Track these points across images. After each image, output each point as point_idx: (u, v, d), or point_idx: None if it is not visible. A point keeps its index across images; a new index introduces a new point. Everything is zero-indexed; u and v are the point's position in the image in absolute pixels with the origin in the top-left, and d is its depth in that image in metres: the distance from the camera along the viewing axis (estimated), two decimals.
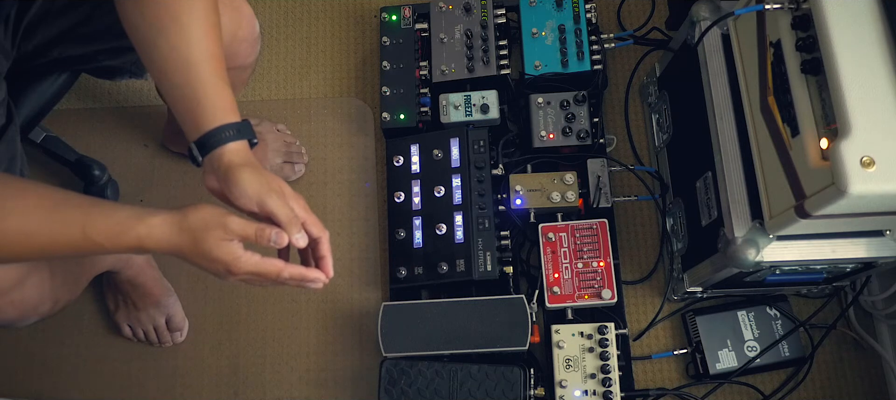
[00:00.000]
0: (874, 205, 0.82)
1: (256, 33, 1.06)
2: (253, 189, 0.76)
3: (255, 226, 0.75)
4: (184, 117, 0.79)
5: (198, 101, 0.77)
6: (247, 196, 0.76)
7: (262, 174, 0.77)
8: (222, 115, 0.78)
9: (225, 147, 0.77)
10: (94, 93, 1.46)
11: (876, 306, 1.25)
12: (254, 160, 0.79)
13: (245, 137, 0.79)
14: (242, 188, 0.76)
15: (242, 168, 0.77)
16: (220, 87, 0.78)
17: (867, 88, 0.82)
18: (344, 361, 1.30)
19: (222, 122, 0.77)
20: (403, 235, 1.25)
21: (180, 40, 0.77)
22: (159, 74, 0.79)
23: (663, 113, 1.31)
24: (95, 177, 1.32)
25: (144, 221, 0.74)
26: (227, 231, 0.74)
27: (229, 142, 0.77)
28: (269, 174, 0.78)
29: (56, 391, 1.30)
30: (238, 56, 1.05)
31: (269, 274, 0.77)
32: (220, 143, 0.77)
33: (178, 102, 0.79)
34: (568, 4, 1.33)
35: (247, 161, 0.78)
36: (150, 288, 1.27)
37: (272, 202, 0.76)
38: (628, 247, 1.34)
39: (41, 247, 0.74)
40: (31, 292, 1.00)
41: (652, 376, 1.28)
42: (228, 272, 0.76)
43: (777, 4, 0.92)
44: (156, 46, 0.78)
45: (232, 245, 0.75)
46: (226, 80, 0.79)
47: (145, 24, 0.78)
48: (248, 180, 0.76)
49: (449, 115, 1.29)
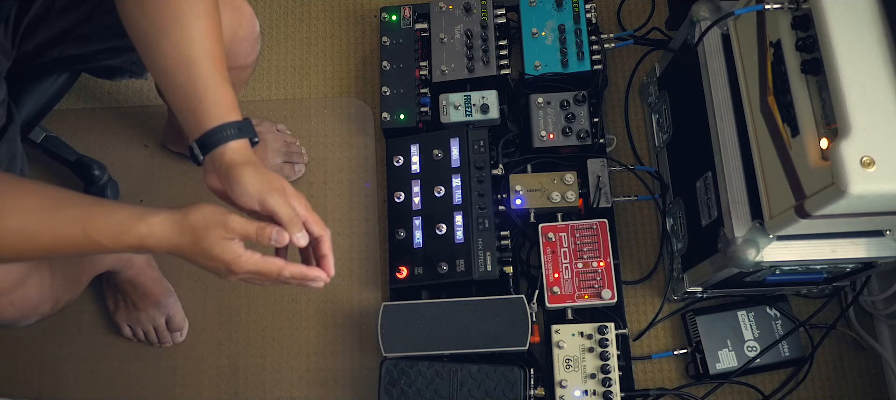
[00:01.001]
0: (874, 205, 0.82)
1: (257, 33, 1.06)
2: (254, 187, 0.76)
3: (256, 224, 0.75)
4: (185, 116, 0.79)
5: (199, 100, 0.77)
6: (248, 195, 0.76)
7: (263, 173, 0.77)
8: (224, 113, 0.78)
9: (226, 146, 0.77)
10: (94, 93, 1.46)
11: (876, 306, 1.25)
12: (255, 158, 0.79)
13: (246, 136, 0.79)
14: (244, 186, 0.76)
15: (244, 166, 0.77)
16: (222, 85, 0.78)
17: (867, 88, 0.82)
18: (344, 361, 1.30)
19: (223, 121, 0.77)
20: (403, 235, 1.25)
21: (182, 39, 0.77)
22: (160, 73, 0.79)
23: (663, 113, 1.31)
24: (95, 177, 1.32)
25: (145, 220, 0.74)
26: (227, 230, 0.74)
27: (230, 140, 0.77)
28: (270, 173, 0.78)
29: (56, 391, 1.30)
30: (238, 56, 1.05)
31: (270, 273, 0.77)
32: (222, 142, 0.77)
33: (180, 101, 0.79)
34: (568, 4, 1.33)
35: (248, 159, 0.78)
36: (150, 288, 1.27)
37: (273, 200, 0.76)
38: (628, 247, 1.34)
39: (43, 246, 0.74)
40: (32, 292, 1.00)
41: (652, 376, 1.28)
42: (229, 271, 0.76)
43: (777, 4, 0.92)
44: (157, 45, 0.78)
45: (233, 244, 0.75)
46: (227, 79, 0.79)
47: (146, 23, 0.78)
48: (250, 179, 0.76)
49: (449, 115, 1.29)
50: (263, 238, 0.75)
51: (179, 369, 1.31)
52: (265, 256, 0.76)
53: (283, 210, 0.76)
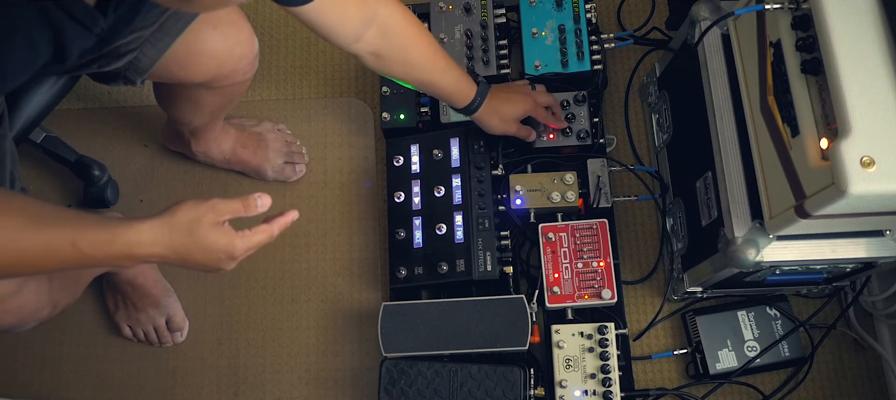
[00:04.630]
0: (874, 205, 0.82)
1: (255, 51, 1.09)
2: (498, 126, 1.19)
3: (239, 199, 0.78)
4: (444, 100, 1.22)
5: (449, 98, 1.14)
6: (496, 128, 1.19)
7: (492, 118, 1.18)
8: (466, 97, 1.13)
9: (476, 114, 1.16)
10: (94, 93, 1.46)
11: (876, 306, 1.25)
12: (494, 103, 1.17)
13: (483, 99, 1.15)
14: (490, 126, 1.20)
15: (483, 118, 1.18)
16: (456, 82, 1.11)
17: (867, 88, 0.82)
18: (344, 361, 1.31)
19: (468, 101, 1.13)
20: (403, 235, 1.25)
21: (421, 75, 1.09)
22: (418, 87, 1.17)
23: (663, 113, 1.31)
24: (95, 177, 1.32)
25: (133, 226, 0.74)
26: (217, 213, 0.76)
27: (478, 109, 1.15)
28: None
29: (56, 391, 1.30)
30: (237, 72, 1.07)
31: (264, 240, 0.80)
32: (475, 111, 1.15)
33: (438, 97, 1.21)
34: (568, 4, 1.33)
35: (488, 112, 1.17)
36: (150, 289, 1.27)
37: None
38: (628, 247, 1.34)
39: (32, 263, 0.74)
40: (30, 299, 1.00)
41: (652, 376, 1.28)
42: (230, 257, 0.78)
43: (777, 4, 0.92)
44: (410, 80, 1.10)
45: (225, 228, 0.77)
46: (456, 69, 1.11)
47: (398, 74, 1.08)
48: (492, 120, 1.18)
49: (449, 114, 1.29)
50: (251, 208, 0.78)
51: (179, 369, 1.31)
52: (253, 229, 0.79)
53: None
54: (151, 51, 0.93)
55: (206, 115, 1.21)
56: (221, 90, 1.10)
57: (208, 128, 1.27)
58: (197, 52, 1.00)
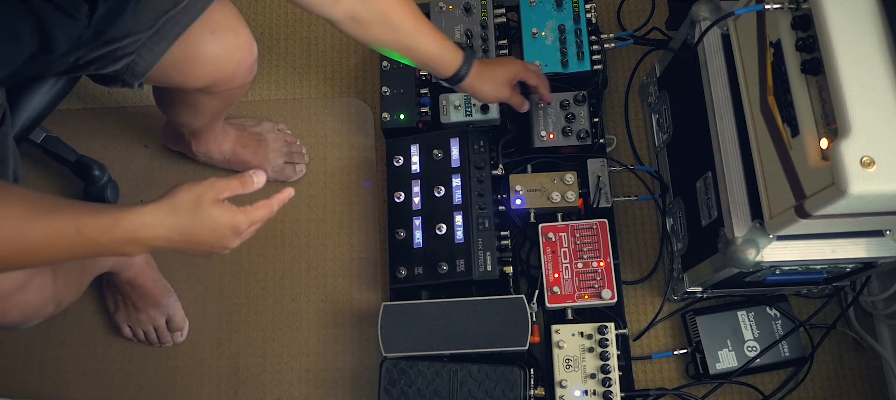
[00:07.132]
0: (874, 205, 0.82)
1: (254, 57, 1.09)
2: (491, 92, 1.16)
3: (236, 176, 0.79)
4: (429, 69, 1.11)
5: (434, 65, 1.09)
6: (489, 96, 1.16)
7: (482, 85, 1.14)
8: (452, 65, 1.09)
9: (463, 81, 1.11)
10: (94, 93, 1.46)
11: (876, 306, 1.25)
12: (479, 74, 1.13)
13: (470, 66, 1.10)
14: (484, 94, 1.15)
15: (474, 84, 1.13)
16: (441, 48, 1.07)
17: (867, 88, 0.82)
18: (344, 361, 1.31)
19: (455, 69, 1.09)
20: (403, 235, 1.25)
21: (404, 39, 1.04)
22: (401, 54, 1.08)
23: (663, 113, 1.31)
24: (95, 177, 1.32)
25: (135, 210, 0.75)
26: (216, 190, 0.77)
27: (465, 77, 1.10)
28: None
29: (56, 391, 1.30)
30: (236, 77, 1.07)
31: (266, 215, 0.82)
32: (462, 80, 1.11)
33: (422, 66, 1.12)
34: (568, 4, 1.33)
35: (476, 77, 1.12)
36: (150, 288, 1.27)
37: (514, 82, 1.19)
38: (628, 247, 1.34)
39: (37, 252, 0.74)
40: (35, 295, 1.00)
41: (652, 376, 1.28)
42: (235, 233, 0.79)
43: (777, 4, 0.92)
44: (392, 46, 1.05)
45: (227, 205, 0.78)
46: (440, 35, 1.07)
47: (379, 40, 1.03)
48: (486, 86, 1.14)
49: (449, 115, 1.29)
50: (248, 184, 0.80)
51: (179, 369, 1.31)
52: (254, 204, 0.81)
53: None
54: (148, 55, 0.92)
55: (206, 117, 1.21)
56: (220, 94, 1.11)
57: (208, 128, 1.27)
58: (195, 58, 0.99)
